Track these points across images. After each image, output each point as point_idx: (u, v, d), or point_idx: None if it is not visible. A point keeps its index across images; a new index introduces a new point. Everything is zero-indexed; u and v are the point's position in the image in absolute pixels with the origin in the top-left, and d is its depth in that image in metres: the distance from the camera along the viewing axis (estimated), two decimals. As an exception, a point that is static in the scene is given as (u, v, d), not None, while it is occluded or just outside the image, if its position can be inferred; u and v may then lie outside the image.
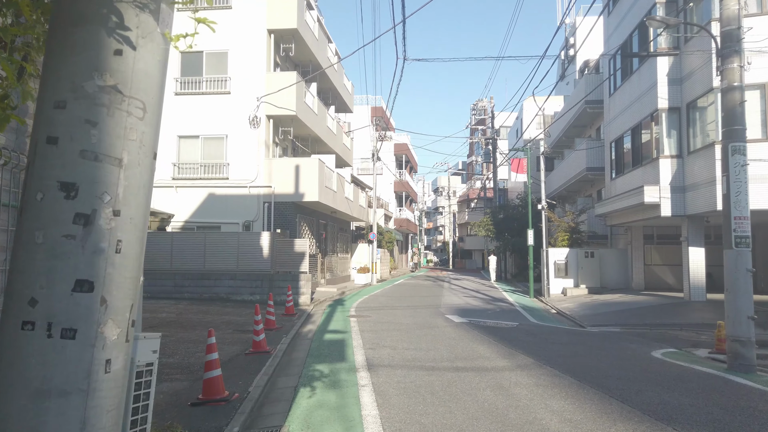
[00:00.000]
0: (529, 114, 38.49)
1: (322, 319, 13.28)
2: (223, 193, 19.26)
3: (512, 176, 23.71)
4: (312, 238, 22.00)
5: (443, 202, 74.91)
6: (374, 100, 44.51)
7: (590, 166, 23.96)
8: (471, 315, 14.82)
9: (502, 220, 35.59)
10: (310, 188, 19.03)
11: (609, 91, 21.74)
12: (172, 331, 10.71)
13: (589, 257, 21.84)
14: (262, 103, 18.97)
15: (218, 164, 19.36)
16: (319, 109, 22.65)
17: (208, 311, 14.13)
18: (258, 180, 19.15)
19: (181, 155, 19.63)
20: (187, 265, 17.21)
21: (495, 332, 11.37)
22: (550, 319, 15.56)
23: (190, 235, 17.67)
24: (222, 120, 19.39)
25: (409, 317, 13.81)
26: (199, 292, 17.09)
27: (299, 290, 16.65)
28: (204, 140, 19.52)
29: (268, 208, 19.05)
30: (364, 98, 44.84)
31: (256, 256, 16.99)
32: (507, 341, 10.13)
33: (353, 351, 8.83)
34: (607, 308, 16.90)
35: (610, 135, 21.39)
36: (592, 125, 26.95)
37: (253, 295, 16.84)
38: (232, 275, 17.00)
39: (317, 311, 15.24)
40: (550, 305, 19.08)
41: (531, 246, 22.56)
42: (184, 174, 19.50)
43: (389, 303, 17.80)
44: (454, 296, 21.33)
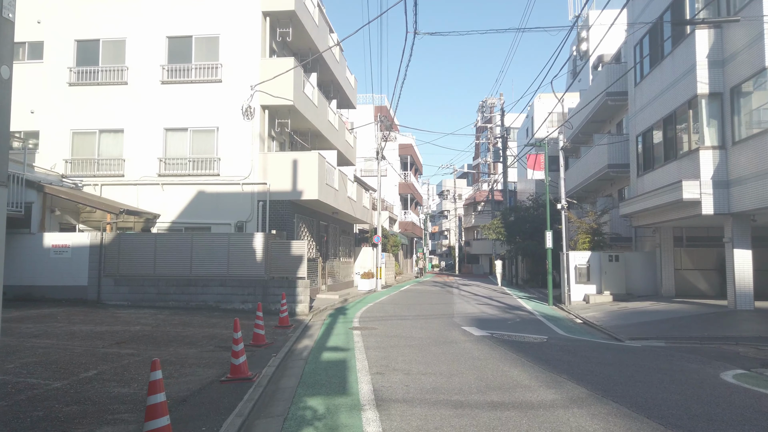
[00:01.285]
0: (540, 112, 36.78)
1: (321, 332, 11.52)
2: (213, 191, 17.55)
3: (528, 173, 21.99)
4: (312, 241, 20.26)
5: (449, 205, 73.16)
6: (378, 99, 42.89)
7: (612, 162, 22.18)
8: (490, 326, 13.04)
9: (513, 222, 33.80)
10: (309, 185, 17.31)
11: (634, 80, 19.99)
12: (141, 349, 8.97)
13: (614, 261, 20.03)
14: (256, 92, 17.27)
15: (208, 159, 17.66)
16: (320, 102, 20.96)
17: (191, 322, 12.38)
18: (252, 176, 17.43)
19: (167, 149, 17.94)
20: (172, 270, 15.49)
21: (525, 349, 9.59)
22: (579, 330, 13.77)
23: (175, 237, 15.95)
24: (213, 111, 17.71)
25: (420, 329, 12.04)
26: (185, 300, 15.36)
27: (296, 298, 14.90)
28: (193, 133, 17.83)
29: (263, 207, 17.32)
30: (368, 97, 43.22)
31: (248, 260, 15.26)
32: (543, 362, 8.35)
33: (357, 377, 7.07)
34: (640, 318, 15.09)
35: (637, 128, 19.62)
36: (612, 120, 25.19)
37: (245, 303, 15.10)
38: (222, 281, 15.27)
39: (316, 322, 13.48)
40: (573, 314, 17.29)
41: (550, 249, 20.76)
42: (171, 170, 17.80)
43: (397, 312, 16.03)
44: (466, 304, 19.54)
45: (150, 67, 17.99)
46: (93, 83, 18.23)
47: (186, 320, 12.67)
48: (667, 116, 16.78)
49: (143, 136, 17.88)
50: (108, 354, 8.46)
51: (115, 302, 15.48)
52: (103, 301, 15.52)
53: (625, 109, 22.96)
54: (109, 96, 18.14)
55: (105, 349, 8.90)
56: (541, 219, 33.00)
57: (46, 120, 18.20)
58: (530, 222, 32.78)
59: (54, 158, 17.99)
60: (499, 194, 51.90)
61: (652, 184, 17.89)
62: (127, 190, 17.78)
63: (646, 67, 18.88)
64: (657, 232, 19.61)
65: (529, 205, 34.44)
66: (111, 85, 18.17)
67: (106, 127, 18.11)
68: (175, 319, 12.76)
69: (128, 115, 18.00)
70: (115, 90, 18.14)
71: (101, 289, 15.58)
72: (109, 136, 18.19)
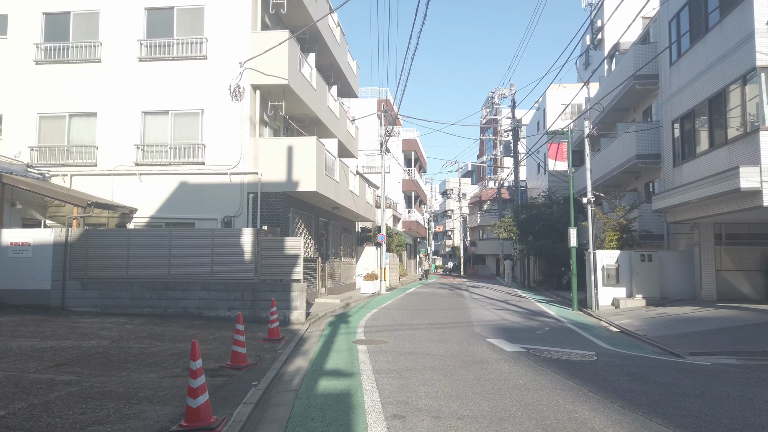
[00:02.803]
0: (554, 104, 34.75)
1: (319, 348, 9.45)
2: (198, 182, 15.49)
3: (550, 164, 19.98)
4: (309, 239, 18.20)
5: (452, 204, 71.02)
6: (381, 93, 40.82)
7: (642, 152, 20.09)
8: (519, 338, 10.97)
9: (525, 220, 31.72)
10: (306, 175, 15.25)
11: (669, 59, 17.93)
12: (84, 374, 6.92)
13: (646, 261, 17.95)
14: (246, 69, 15.22)
15: (192, 146, 15.60)
16: (319, 85, 18.91)
17: (163, 334, 10.31)
18: (241, 165, 15.37)
19: (146, 135, 15.88)
20: (148, 271, 13.43)
21: (577, 372, 7.52)
22: (621, 341, 11.69)
23: (151, 234, 13.88)
24: (197, 92, 15.66)
25: (439, 343, 9.97)
26: (163, 306, 13.29)
27: (290, 304, 12.83)
28: (175, 117, 15.77)
29: (254, 200, 15.25)
30: (371, 90, 41.18)
31: (235, 260, 13.21)
32: (612, 393, 6.28)
33: (366, 422, 5.00)
34: (688, 327, 13.01)
35: (673, 112, 17.55)
36: (638, 107, 23.10)
37: (232, 309, 13.04)
38: (205, 284, 13.21)
39: (313, 333, 11.41)
40: (604, 321, 15.22)
41: (574, 248, 18.68)
42: (151, 158, 15.75)
43: (407, 319, 13.96)
44: (482, 309, 17.47)
45: (126, 43, 15.95)
46: (63, 61, 16.19)
47: (157, 331, 10.60)
48: (714, 95, 14.71)
49: (119, 120, 15.84)
50: (36, 382, 6.40)
51: (82, 309, 13.42)
52: (68, 308, 13.46)
53: (654, 94, 20.90)
54: (80, 75, 16.10)
55: (36, 374, 6.83)
56: (555, 217, 31.02)
57: (9, 102, 16.15)
58: (544, 220, 30.73)
59: (18, 146, 15.94)
60: (506, 192, 49.85)
61: (693, 174, 15.83)
62: (100, 181, 15.72)
63: (685, 43, 16.81)
64: (695, 228, 17.52)
65: (542, 202, 32.39)
66: (83, 63, 16.12)
67: (77, 111, 16.06)
68: (145, 330, 10.69)
69: (102, 96, 15.96)
70: (88, 69, 16.09)
71: (66, 293, 13.52)
72: (80, 120, 16.14)
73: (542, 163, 35.74)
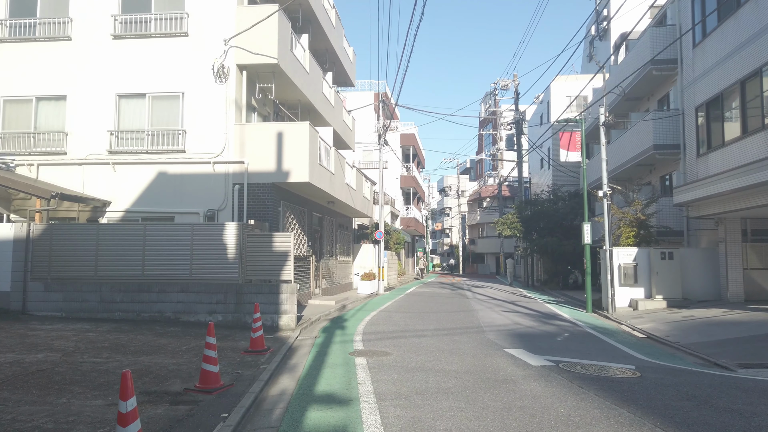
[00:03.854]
0: (559, 96, 33.36)
1: (310, 362, 8.00)
2: (178, 172, 14.02)
3: (562, 154, 18.63)
4: (302, 235, 16.74)
5: (450, 202, 69.63)
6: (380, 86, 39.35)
7: (659, 143, 18.71)
8: (541, 347, 9.56)
9: (529, 217, 30.33)
10: (297, 165, 13.79)
11: (692, 40, 16.54)
12: (13, 400, 5.48)
13: (666, 259, 16.59)
14: (231, 47, 13.76)
15: (172, 132, 14.11)
16: (312, 69, 17.44)
17: (130, 344, 8.85)
18: (226, 153, 13.90)
19: (121, 120, 14.39)
20: (120, 270, 11.97)
21: (628, 395, 6.10)
22: (655, 350, 10.29)
23: (123, 229, 12.40)
24: (177, 72, 14.18)
25: (450, 354, 8.54)
26: (136, 310, 11.82)
27: (279, 307, 11.38)
28: (153, 100, 14.28)
29: (240, 192, 13.79)
30: (369, 83, 39.72)
31: (217, 258, 11.75)
32: (685, 428, 4.87)
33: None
34: (723, 332, 11.63)
35: (696, 98, 16.17)
36: (653, 95, 21.73)
37: (213, 314, 11.58)
38: (183, 286, 11.74)
39: (304, 341, 9.96)
40: (625, 324, 13.85)
41: (588, 245, 17.28)
42: (126, 145, 14.26)
43: (410, 324, 12.53)
44: (489, 311, 16.07)
45: (99, 19, 14.45)
46: (29, 39, 14.67)
47: (123, 341, 9.13)
48: (749, 76, 13.33)
49: (91, 104, 14.34)
50: (-60, 416, 4.94)
51: (46, 313, 11.95)
52: (29, 312, 11.98)
53: (672, 81, 19.52)
54: (48, 55, 14.59)
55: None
56: (561, 213, 29.66)
57: (-30, 85, 14.64)
58: (549, 217, 29.36)
59: (-20, 132, 14.43)
60: (506, 190, 48.47)
61: (721, 164, 14.46)
62: (70, 171, 14.22)
63: (711, 22, 15.43)
64: (721, 223, 16.16)
65: (547, 198, 31.01)
66: (51, 41, 14.61)
67: (45, 94, 14.55)
68: (108, 340, 9.22)
69: (72, 78, 14.46)
70: (57, 47, 14.59)
71: (27, 296, 12.03)
72: (48, 104, 14.64)
73: (546, 158, 34.37)
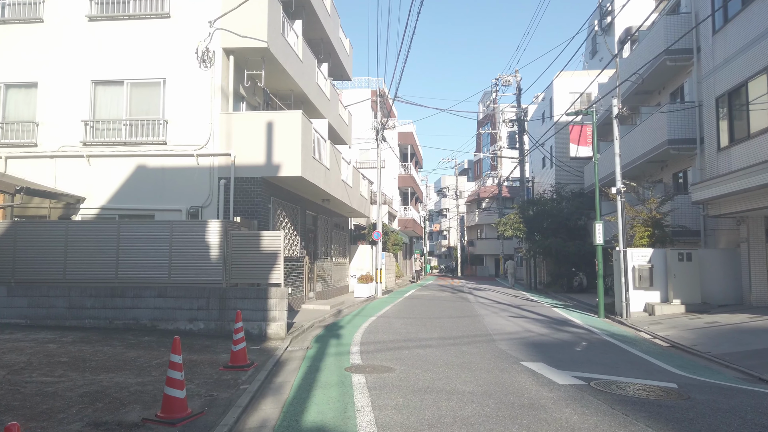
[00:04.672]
0: (562, 93, 32.32)
1: (299, 380, 6.86)
2: (158, 165, 12.86)
3: (572, 149, 17.61)
4: (295, 235, 15.59)
5: (448, 203, 68.56)
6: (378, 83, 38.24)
7: (674, 137, 17.67)
8: (561, 359, 8.45)
9: (532, 217, 29.29)
10: (289, 157, 12.65)
11: (712, 27, 15.49)
12: None
13: (684, 261, 15.51)
14: (216, 30, 12.63)
15: (152, 122, 12.96)
16: (306, 57, 16.32)
17: (93, 357, 7.69)
18: (211, 145, 12.76)
19: (97, 109, 13.23)
20: (91, 273, 10.80)
21: (686, 426, 4.99)
22: (687, 362, 9.19)
23: (95, 227, 11.24)
24: (158, 57, 13.04)
25: (461, 369, 7.41)
26: (109, 316, 10.65)
27: (267, 314, 10.23)
28: (131, 87, 13.13)
29: (226, 188, 12.64)
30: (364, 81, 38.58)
31: (199, 260, 10.60)
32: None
33: None
34: (758, 340, 10.56)
35: (718, 87, 15.12)
36: (664, 88, 20.69)
37: (194, 322, 10.42)
38: (161, 290, 10.58)
39: (294, 353, 8.81)
40: (644, 331, 12.77)
41: (600, 246, 16.19)
42: (102, 137, 13.10)
43: (412, 332, 11.40)
44: (495, 316, 14.96)
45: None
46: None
47: (86, 354, 7.97)
48: (779, 62, 12.30)
49: (64, 91, 13.18)
50: None
51: (9, 320, 10.77)
52: (-10, 319, 10.80)
53: (686, 72, 18.49)
54: (18, 38, 13.42)
55: None
56: (565, 213, 28.62)
57: (-68, 70, 13.46)
58: (552, 216, 28.32)
59: (-57, 122, 13.25)
60: (506, 190, 47.39)
61: (746, 158, 13.41)
62: (41, 164, 13.05)
63: (734, 6, 14.39)
64: (743, 223, 15.11)
65: (550, 197, 29.97)
66: (21, 23, 13.45)
67: (14, 80, 13.38)
68: (69, 353, 8.06)
69: (44, 63, 13.30)
70: (27, 30, 13.42)
71: (-12, 301, 10.85)
72: (17, 92, 13.46)
73: (549, 156, 33.35)
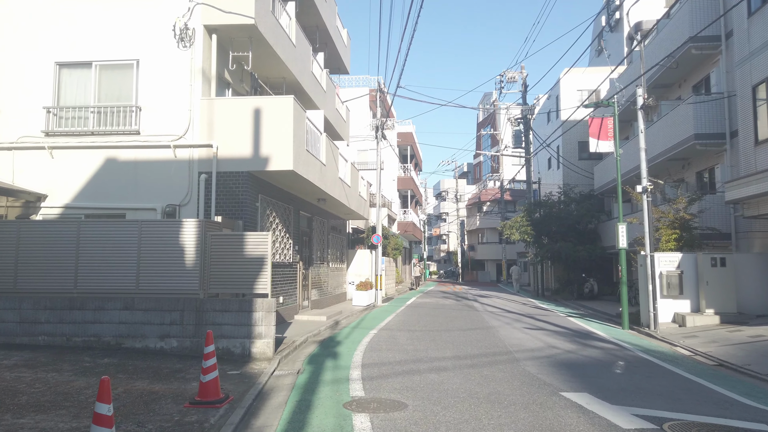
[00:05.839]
0: (568, 91, 30.92)
1: (283, 425, 5.28)
2: (130, 158, 11.31)
3: (591, 143, 16.19)
4: (287, 237, 14.04)
5: (447, 207, 67.08)
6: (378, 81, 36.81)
7: (701, 131, 16.24)
8: (607, 387, 6.93)
9: (539, 220, 27.82)
10: (279, 149, 11.12)
11: (747, 9, 14.07)
12: None
13: (718, 266, 14.04)
14: (197, 4, 11.13)
15: (124, 109, 11.42)
16: (300, 42, 14.82)
17: (28, 389, 6.11)
18: (190, 135, 11.22)
19: (61, 95, 11.68)
20: (47, 282, 9.24)
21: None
22: (752, 388, 7.65)
23: (52, 228, 9.67)
24: (131, 36, 11.51)
25: (489, 404, 5.87)
26: (67, 332, 9.08)
27: (252, 330, 8.66)
28: (100, 70, 11.59)
29: (207, 183, 11.09)
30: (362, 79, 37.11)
31: (172, 265, 9.04)
32: None
33: None
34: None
35: (755, 74, 13.67)
36: (685, 81, 19.27)
37: (166, 338, 8.86)
38: (128, 301, 9.02)
39: (282, 380, 7.25)
40: (679, 346, 11.26)
41: (624, 250, 14.70)
42: (67, 126, 11.55)
43: (420, 349, 9.85)
44: (510, 328, 13.44)
45: (36, -29, 11.78)
46: (-50, -4, 11.98)
47: (24, 382, 6.38)
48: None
49: (24, 75, 11.63)
50: None
51: (-52, 337, 9.19)
52: (-73, 336, 9.21)
53: (712, 61, 17.08)
54: (-26, 15, 11.89)
55: None
56: (575, 216, 27.18)
57: None
58: (561, 220, 26.84)
59: None
60: (508, 194, 45.95)
61: (793, 151, 11.95)
62: (-3, 157, 11.50)
63: (775, -17, 12.99)
64: (783, 224, 13.66)
65: (558, 200, 28.50)
66: (-23, -2, 11.93)
67: (-32, 62, 11.84)
68: (2, 381, 6.47)
69: (1, 43, 11.75)
70: (-16, 6, 11.89)
71: (-76, 314, 9.27)
72: (-28, 75, 11.92)
73: (555, 156, 31.93)
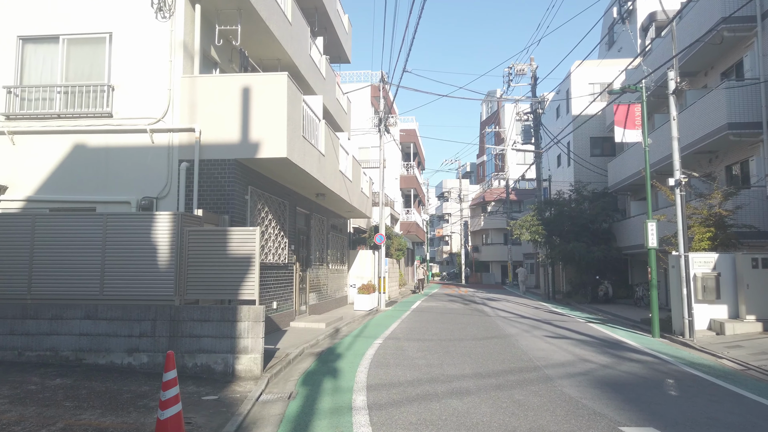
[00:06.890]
0: (580, 85, 29.57)
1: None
2: (102, 144, 9.94)
3: (617, 133, 14.80)
4: (282, 236, 12.65)
5: (450, 207, 65.67)
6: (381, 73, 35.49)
7: (734, 120, 14.87)
8: (670, 418, 5.56)
9: (550, 219, 26.45)
10: (271, 133, 9.74)
11: (792, -18, 12.72)
12: None
13: (759, 268, 12.68)
14: (178, -31, 9.76)
15: (94, 88, 10.05)
16: (296, 20, 13.47)
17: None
18: (170, 118, 9.84)
19: (24, 73, 10.31)
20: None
21: None
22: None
23: (2, 223, 8.29)
24: (103, 6, 10.15)
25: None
26: (18, 346, 7.71)
27: (236, 343, 7.27)
28: (69, 44, 10.22)
29: (189, 173, 9.72)
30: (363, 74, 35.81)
31: (142, 267, 7.67)
32: None
33: None
34: None
35: (802, 54, 12.32)
36: (712, 68, 17.89)
37: (135, 353, 7.48)
38: (91, 310, 7.64)
39: (269, 409, 5.86)
40: (725, 357, 9.90)
41: (653, 250, 13.30)
42: (31, 108, 10.18)
43: (435, 365, 8.45)
44: (529, 336, 12.06)
45: (-3, -66, 10.42)
46: None
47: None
48: None
49: (-17, 50, 10.28)
50: None
51: None
52: None
53: (745, 45, 15.72)
54: (-73, -16, 10.53)
55: None
56: (588, 215, 25.79)
57: None
58: (573, 219, 25.43)
59: None
60: (513, 194, 44.57)
61: None
62: (-49, 144, 10.13)
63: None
64: (834, 221, 12.26)
65: (569, 198, 27.13)
66: (-69, -35, 10.57)
67: None
68: None
69: (-41, 15, 10.41)
70: (-61, -26, 10.54)
71: None
72: (-76, 51, 10.56)
73: (566, 152, 30.56)
